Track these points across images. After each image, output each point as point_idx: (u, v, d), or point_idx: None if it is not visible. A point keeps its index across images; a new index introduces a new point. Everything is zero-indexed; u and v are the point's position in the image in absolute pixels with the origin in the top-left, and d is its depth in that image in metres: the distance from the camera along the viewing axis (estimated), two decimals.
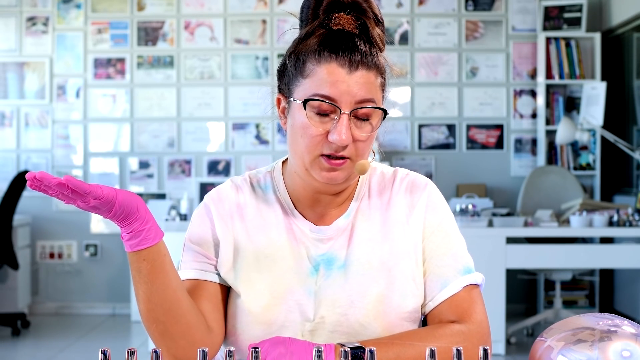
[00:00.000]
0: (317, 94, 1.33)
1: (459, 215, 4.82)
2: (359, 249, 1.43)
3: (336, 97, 1.33)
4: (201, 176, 6.23)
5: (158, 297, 1.30)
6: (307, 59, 1.36)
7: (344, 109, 1.33)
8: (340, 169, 1.35)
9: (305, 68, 1.36)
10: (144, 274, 1.28)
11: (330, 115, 1.34)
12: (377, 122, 1.36)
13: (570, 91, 6.25)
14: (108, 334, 5.55)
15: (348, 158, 1.35)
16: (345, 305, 1.40)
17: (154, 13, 6.31)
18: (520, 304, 6.16)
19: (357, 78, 1.33)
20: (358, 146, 1.35)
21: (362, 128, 1.35)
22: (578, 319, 1.16)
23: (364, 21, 1.38)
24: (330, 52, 1.34)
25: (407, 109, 6.31)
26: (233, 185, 1.49)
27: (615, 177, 6.21)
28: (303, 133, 1.35)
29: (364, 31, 1.38)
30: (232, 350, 1.05)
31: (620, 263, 4.98)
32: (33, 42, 6.31)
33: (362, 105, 1.34)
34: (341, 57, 1.33)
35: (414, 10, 6.30)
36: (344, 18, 1.37)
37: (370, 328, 1.39)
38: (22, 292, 5.92)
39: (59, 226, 6.31)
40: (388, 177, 1.50)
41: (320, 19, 1.38)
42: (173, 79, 6.31)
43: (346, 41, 1.35)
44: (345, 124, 1.32)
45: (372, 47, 1.37)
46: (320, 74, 1.34)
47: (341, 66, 1.33)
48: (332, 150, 1.34)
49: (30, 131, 6.31)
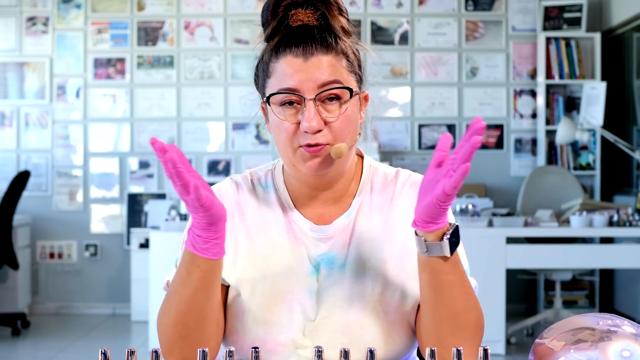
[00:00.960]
0: (280, 88, 1.35)
1: (459, 215, 4.81)
2: (359, 248, 1.42)
3: (297, 86, 1.34)
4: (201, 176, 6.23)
5: (195, 305, 1.30)
6: (269, 60, 1.39)
7: (307, 95, 1.34)
8: (320, 154, 1.35)
9: (269, 68, 1.38)
10: (193, 279, 1.29)
11: (297, 107, 1.35)
12: (346, 101, 1.36)
13: (570, 91, 6.25)
14: (108, 334, 5.55)
15: (326, 144, 1.35)
16: (346, 305, 1.39)
17: (154, 13, 6.31)
18: (520, 304, 6.16)
19: (314, 63, 1.34)
20: (332, 129, 1.35)
21: (332, 111, 1.35)
22: (578, 319, 1.16)
23: (322, 11, 1.39)
24: (285, 46, 1.36)
25: (407, 109, 6.32)
26: (233, 183, 1.49)
27: (615, 177, 6.21)
28: (279, 130, 1.37)
29: (324, 22, 1.39)
30: (232, 351, 1.05)
31: (620, 263, 4.99)
32: (33, 42, 6.31)
33: (325, 88, 1.34)
34: (295, 48, 1.35)
35: (414, 10, 6.30)
36: (302, 13, 1.39)
37: (371, 328, 1.39)
38: (22, 292, 5.92)
39: (59, 226, 6.31)
40: (390, 177, 1.49)
41: (278, 17, 1.39)
42: (173, 79, 6.31)
43: (301, 33, 1.37)
44: (312, 109, 1.33)
45: (330, 33, 1.38)
46: (279, 69, 1.36)
47: (296, 56, 1.35)
48: (307, 139, 1.34)
49: (30, 131, 6.31)
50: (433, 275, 1.30)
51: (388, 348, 1.39)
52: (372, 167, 1.50)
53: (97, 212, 6.32)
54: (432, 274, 1.29)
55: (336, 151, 1.35)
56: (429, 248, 1.27)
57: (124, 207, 6.26)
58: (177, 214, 5.23)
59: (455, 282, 1.31)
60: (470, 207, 4.84)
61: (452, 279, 1.30)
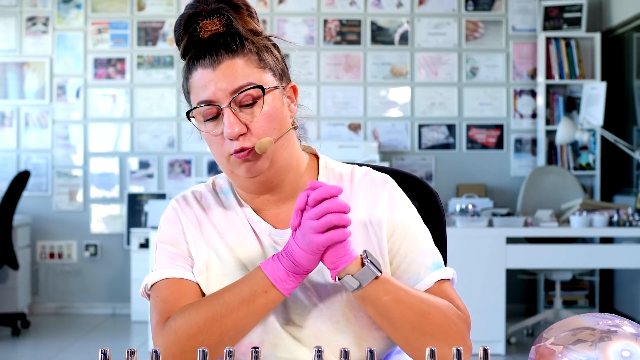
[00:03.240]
0: (196, 102, 1.37)
1: (459, 215, 4.81)
2: None
3: (210, 97, 1.35)
4: (201, 176, 6.24)
5: (244, 326, 1.33)
6: (186, 77, 1.40)
7: (222, 103, 1.35)
8: (249, 159, 1.36)
9: (188, 86, 1.40)
10: (257, 303, 1.32)
11: (219, 117, 1.37)
12: (261, 99, 1.36)
13: (570, 91, 6.25)
14: (108, 334, 5.55)
15: (252, 147, 1.35)
16: (315, 312, 1.38)
17: (154, 13, 6.31)
18: (520, 304, 6.16)
19: (222, 71, 1.35)
20: (255, 130, 1.35)
21: (251, 112, 1.36)
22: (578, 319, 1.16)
23: (227, 16, 1.39)
24: (194, 60, 1.38)
25: (407, 109, 6.32)
26: (197, 194, 1.49)
27: (615, 177, 6.21)
28: (209, 143, 1.40)
29: (231, 26, 1.39)
30: (232, 351, 1.05)
31: (620, 263, 4.99)
32: (33, 42, 6.31)
33: (238, 92, 1.35)
34: (202, 60, 1.37)
35: (414, 10, 6.30)
36: (209, 23, 1.39)
37: (342, 334, 1.37)
38: (22, 292, 5.92)
39: (59, 226, 6.31)
40: (346, 176, 1.48)
41: (189, 33, 1.40)
42: (173, 79, 6.31)
43: (207, 44, 1.37)
44: (231, 116, 1.34)
45: (234, 36, 1.38)
46: (193, 84, 1.38)
47: (205, 68, 1.36)
48: (234, 145, 1.35)
49: (30, 131, 6.31)
50: (374, 303, 1.31)
51: (363, 352, 1.38)
52: (328, 167, 1.49)
53: (97, 212, 6.32)
54: (373, 303, 1.31)
55: (260, 146, 1.35)
56: (359, 279, 1.29)
57: (124, 207, 6.27)
58: None
59: (399, 296, 1.32)
60: (470, 207, 4.84)
61: (394, 295, 1.31)
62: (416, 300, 1.33)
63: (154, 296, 1.41)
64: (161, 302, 1.39)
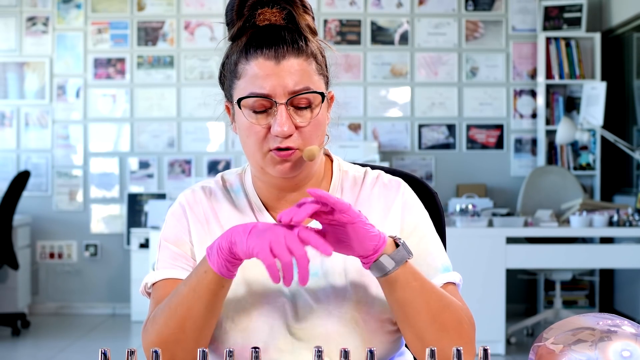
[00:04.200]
0: (251, 92, 1.34)
1: (459, 215, 4.81)
2: (332, 257, 1.38)
3: (269, 91, 1.33)
4: (201, 176, 6.24)
5: (201, 315, 1.31)
6: (238, 60, 1.37)
7: (279, 100, 1.33)
8: (290, 159, 1.35)
9: (237, 70, 1.37)
10: (219, 297, 1.30)
11: (268, 110, 1.34)
12: (318, 106, 1.35)
13: (570, 91, 6.25)
14: (108, 334, 5.55)
15: (297, 148, 1.34)
16: (323, 315, 1.37)
17: (154, 13, 6.31)
18: (520, 304, 6.16)
19: (286, 67, 1.33)
20: (303, 134, 1.34)
21: (303, 115, 1.34)
22: (578, 319, 1.16)
23: (289, 10, 1.37)
24: (255, 47, 1.34)
25: (407, 109, 6.32)
26: (206, 189, 1.47)
27: (615, 177, 6.21)
28: (248, 133, 1.36)
29: (291, 21, 1.37)
30: (232, 351, 1.05)
31: (620, 263, 4.99)
32: (33, 42, 6.31)
33: (297, 94, 1.33)
34: (267, 51, 1.33)
35: (414, 10, 6.30)
36: (269, 12, 1.37)
37: (350, 337, 1.37)
38: (22, 292, 5.92)
39: (59, 226, 6.31)
40: (359, 180, 1.48)
41: (244, 17, 1.37)
42: (173, 79, 6.31)
43: (271, 34, 1.34)
44: (284, 114, 1.32)
45: (300, 35, 1.36)
46: (250, 71, 1.34)
47: (268, 59, 1.33)
48: (278, 143, 1.33)
49: (30, 131, 6.31)
50: (404, 288, 1.29)
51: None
52: (341, 170, 1.49)
53: (97, 212, 6.32)
54: (403, 288, 1.29)
55: (309, 154, 1.34)
56: (396, 257, 1.27)
57: (124, 207, 6.26)
58: None
59: (424, 285, 1.31)
60: (470, 207, 4.84)
61: (421, 282, 1.31)
62: (439, 293, 1.34)
63: (151, 296, 1.41)
64: (155, 303, 1.39)
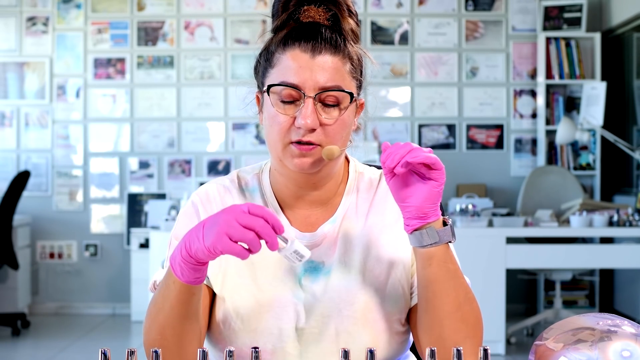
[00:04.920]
0: (282, 81, 1.34)
1: (459, 215, 4.81)
2: (345, 256, 1.41)
3: (299, 82, 1.33)
4: (201, 176, 6.24)
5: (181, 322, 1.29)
6: (275, 50, 1.37)
7: (308, 93, 1.32)
8: (310, 154, 1.34)
9: (273, 58, 1.37)
10: (192, 304, 1.28)
11: (296, 102, 1.34)
12: (346, 107, 1.35)
13: (570, 91, 6.25)
14: (108, 334, 5.55)
15: (318, 145, 1.34)
16: (333, 314, 1.38)
17: (154, 13, 6.31)
18: (520, 304, 6.16)
19: (320, 62, 1.33)
20: (327, 131, 1.34)
21: (330, 113, 1.34)
22: (578, 319, 1.16)
23: (334, 12, 1.37)
24: (294, 39, 1.35)
25: (407, 109, 6.32)
26: (221, 187, 1.47)
27: (615, 177, 6.21)
28: (272, 122, 1.36)
29: (335, 23, 1.38)
30: (232, 351, 1.05)
31: (620, 263, 4.98)
32: (33, 42, 6.31)
33: (326, 89, 1.33)
34: (304, 43, 1.34)
35: (414, 10, 6.30)
36: (314, 10, 1.37)
37: (359, 336, 1.37)
38: (22, 292, 5.92)
39: (59, 226, 6.31)
40: (375, 182, 1.48)
41: (289, 11, 1.38)
42: (173, 79, 6.31)
43: (312, 29, 1.35)
44: (310, 107, 1.32)
45: (340, 35, 1.36)
46: (284, 61, 1.35)
47: (304, 51, 1.33)
48: (300, 136, 1.33)
49: (30, 131, 6.31)
50: (439, 265, 1.31)
51: (378, 355, 1.38)
52: (357, 172, 1.49)
53: (97, 212, 6.32)
54: (439, 265, 1.30)
55: (328, 153, 1.34)
56: (439, 235, 1.29)
57: (124, 207, 6.26)
58: (177, 214, 5.23)
59: (457, 272, 1.33)
60: (470, 207, 4.84)
61: (455, 268, 1.33)
62: (467, 286, 1.35)
63: None
64: None
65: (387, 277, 1.40)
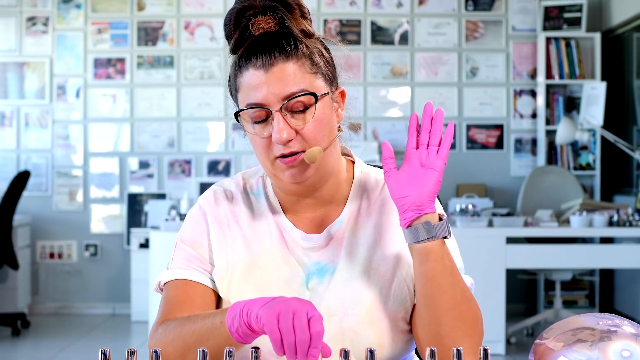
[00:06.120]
0: (246, 104, 1.35)
1: (459, 215, 4.81)
2: (351, 256, 1.41)
3: (261, 100, 1.34)
4: (201, 176, 6.24)
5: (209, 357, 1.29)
6: (235, 75, 1.39)
7: (273, 107, 1.33)
8: (297, 164, 1.35)
9: (236, 83, 1.39)
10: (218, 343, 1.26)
11: (267, 120, 1.35)
12: (313, 106, 1.35)
13: (570, 91, 6.25)
14: (108, 334, 5.55)
15: (302, 151, 1.34)
16: (339, 313, 1.38)
17: (154, 13, 6.31)
18: (520, 304, 6.16)
19: (276, 73, 1.33)
20: (305, 136, 1.34)
21: (301, 118, 1.34)
22: (578, 319, 1.16)
23: (281, 15, 1.37)
24: (245, 59, 1.36)
25: (407, 109, 6.31)
26: (227, 191, 1.48)
27: (615, 177, 6.21)
28: (254, 144, 1.38)
29: (284, 26, 1.37)
30: (232, 351, 1.05)
31: (620, 263, 4.99)
32: (33, 42, 6.31)
33: (290, 98, 1.33)
34: (255, 60, 1.35)
35: (414, 10, 6.30)
36: (263, 20, 1.37)
37: (365, 335, 1.37)
38: (22, 292, 5.92)
39: (59, 226, 6.31)
40: (381, 182, 1.48)
41: (240, 28, 1.38)
42: (173, 79, 6.31)
43: (261, 43, 1.35)
44: (281, 121, 1.32)
45: (289, 38, 1.36)
46: (243, 83, 1.36)
47: (257, 69, 1.34)
48: (281, 150, 1.34)
49: (30, 131, 6.31)
50: (436, 261, 1.31)
51: (382, 354, 1.38)
52: (363, 172, 1.49)
53: (97, 212, 6.32)
54: (436, 261, 1.31)
55: (309, 156, 1.34)
56: (435, 229, 1.30)
57: (124, 207, 6.26)
58: (177, 214, 5.23)
59: (454, 269, 1.34)
60: (470, 207, 4.84)
61: (452, 265, 1.33)
62: (465, 284, 1.35)
63: (163, 295, 1.42)
64: (165, 303, 1.40)
65: (392, 276, 1.40)
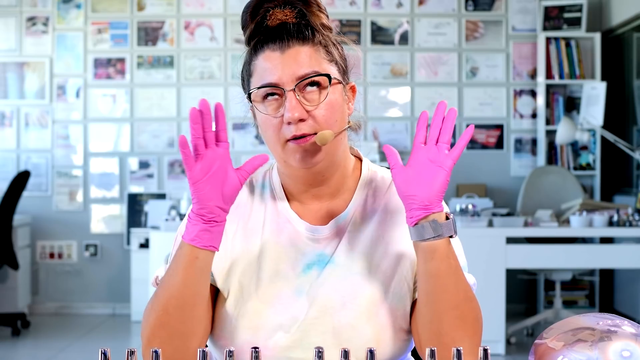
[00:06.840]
0: (260, 84, 1.36)
1: (459, 215, 4.81)
2: (353, 250, 1.42)
3: (276, 79, 1.35)
4: None
5: (180, 293, 1.31)
6: (250, 60, 1.40)
7: (286, 87, 1.34)
8: (308, 146, 1.35)
9: (250, 68, 1.40)
10: (198, 267, 1.31)
11: (280, 100, 1.35)
12: (326, 88, 1.36)
13: (570, 91, 6.25)
14: (108, 334, 5.55)
15: (313, 134, 1.35)
16: (337, 306, 1.38)
17: (154, 13, 6.31)
18: (520, 304, 6.16)
19: (291, 55, 1.35)
20: (317, 118, 1.35)
21: (314, 100, 1.35)
22: (578, 319, 1.16)
23: (300, 9, 1.39)
24: (262, 43, 1.38)
25: (407, 109, 6.32)
26: None
27: (615, 177, 6.21)
28: (265, 127, 1.38)
29: (302, 18, 1.39)
30: (232, 351, 1.05)
31: (620, 263, 4.99)
32: (33, 42, 6.31)
33: (304, 78, 1.34)
34: (272, 44, 1.36)
35: (414, 10, 6.30)
36: (281, 12, 1.39)
37: (362, 330, 1.37)
38: (22, 292, 5.92)
39: (59, 226, 6.31)
40: (388, 180, 1.49)
41: (257, 19, 1.39)
42: (173, 79, 6.31)
43: (278, 29, 1.37)
44: (293, 100, 1.33)
45: (307, 26, 1.38)
46: (259, 66, 1.37)
47: (274, 51, 1.36)
48: (293, 131, 1.34)
49: (30, 131, 6.31)
50: (441, 260, 1.31)
51: (380, 351, 1.38)
52: (370, 170, 1.50)
53: (97, 212, 6.32)
54: (441, 259, 1.31)
55: (320, 137, 1.34)
56: (442, 228, 1.30)
57: (124, 207, 6.26)
58: (177, 214, 5.24)
59: (458, 269, 1.34)
60: (470, 207, 4.84)
61: (457, 264, 1.33)
62: (468, 284, 1.36)
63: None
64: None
65: (393, 272, 1.41)
